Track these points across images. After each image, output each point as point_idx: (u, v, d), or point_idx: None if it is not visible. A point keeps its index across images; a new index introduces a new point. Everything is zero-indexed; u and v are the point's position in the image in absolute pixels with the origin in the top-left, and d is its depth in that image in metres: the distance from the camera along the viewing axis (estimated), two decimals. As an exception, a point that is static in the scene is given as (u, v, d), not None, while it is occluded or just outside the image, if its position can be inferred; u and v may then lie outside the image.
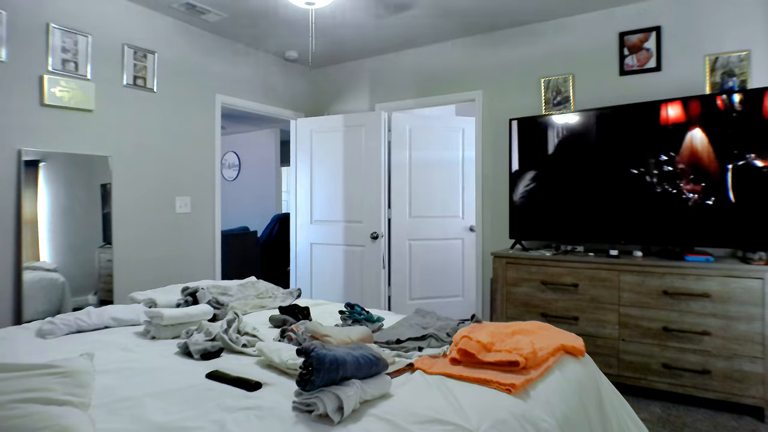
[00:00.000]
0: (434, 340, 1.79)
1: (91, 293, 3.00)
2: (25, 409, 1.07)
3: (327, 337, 1.64)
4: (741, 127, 2.72)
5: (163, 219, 3.44)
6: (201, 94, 3.72)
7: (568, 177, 3.23)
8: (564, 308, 3.02)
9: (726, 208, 2.76)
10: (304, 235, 4.57)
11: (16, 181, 2.67)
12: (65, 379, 1.24)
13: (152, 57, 3.33)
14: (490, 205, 3.80)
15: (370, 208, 4.19)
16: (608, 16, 3.35)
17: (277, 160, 7.19)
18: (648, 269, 2.78)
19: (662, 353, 2.73)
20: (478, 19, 3.55)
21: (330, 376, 1.16)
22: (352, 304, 2.19)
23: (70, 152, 2.90)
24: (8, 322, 2.58)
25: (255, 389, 1.34)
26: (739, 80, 2.93)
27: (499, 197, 3.75)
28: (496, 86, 3.79)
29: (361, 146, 4.24)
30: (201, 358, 1.62)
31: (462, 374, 1.35)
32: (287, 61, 4.48)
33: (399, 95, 4.26)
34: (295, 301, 2.59)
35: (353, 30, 3.73)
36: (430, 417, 1.13)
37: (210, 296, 2.29)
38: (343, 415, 1.11)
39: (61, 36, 2.83)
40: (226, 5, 3.27)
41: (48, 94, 2.77)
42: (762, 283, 2.50)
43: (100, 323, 2.06)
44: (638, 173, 3.01)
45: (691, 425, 2.49)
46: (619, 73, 3.32)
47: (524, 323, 1.69)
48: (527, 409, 1.22)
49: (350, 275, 4.30)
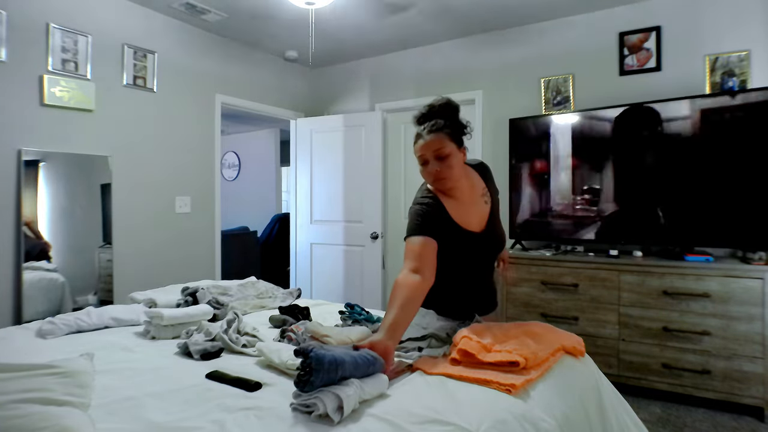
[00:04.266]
0: (434, 340, 1.79)
1: (91, 293, 3.00)
2: (25, 409, 1.07)
3: (327, 338, 1.64)
4: (741, 127, 2.72)
5: (163, 219, 3.44)
6: (201, 94, 3.72)
7: (568, 176, 3.23)
8: (564, 308, 3.02)
9: (726, 207, 2.76)
10: (304, 235, 4.57)
11: (16, 181, 2.67)
12: (65, 379, 1.24)
13: (152, 57, 3.33)
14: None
15: (370, 208, 4.19)
16: (608, 16, 3.35)
17: (277, 160, 7.19)
18: (648, 269, 2.78)
19: (662, 353, 2.73)
20: (478, 19, 3.55)
21: (329, 377, 1.15)
22: (352, 305, 2.19)
23: (70, 152, 2.90)
24: (8, 322, 2.58)
25: (255, 389, 1.34)
26: (739, 80, 2.93)
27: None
28: (496, 86, 3.79)
29: (361, 146, 4.24)
30: (201, 358, 1.62)
31: (462, 374, 1.34)
32: (287, 61, 4.48)
33: (399, 95, 4.26)
34: (295, 301, 2.59)
35: (353, 30, 3.73)
36: (430, 417, 1.12)
37: (210, 296, 2.28)
38: (343, 414, 1.11)
39: (61, 36, 2.83)
40: (226, 5, 3.27)
41: (48, 94, 2.77)
42: (762, 283, 2.50)
43: (100, 323, 2.06)
44: (638, 173, 3.01)
45: (691, 425, 2.49)
46: (619, 73, 3.32)
47: (524, 323, 1.69)
48: (527, 409, 1.22)
49: (350, 275, 4.30)
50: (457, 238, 1.63)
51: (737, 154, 2.73)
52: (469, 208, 1.68)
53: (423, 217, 1.63)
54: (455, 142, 1.62)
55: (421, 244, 1.57)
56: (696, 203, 2.84)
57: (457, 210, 1.65)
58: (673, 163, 2.90)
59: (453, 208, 1.65)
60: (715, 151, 2.79)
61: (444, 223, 1.63)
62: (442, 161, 1.60)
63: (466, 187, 1.69)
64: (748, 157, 2.70)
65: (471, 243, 1.65)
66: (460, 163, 1.64)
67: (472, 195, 1.71)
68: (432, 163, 1.61)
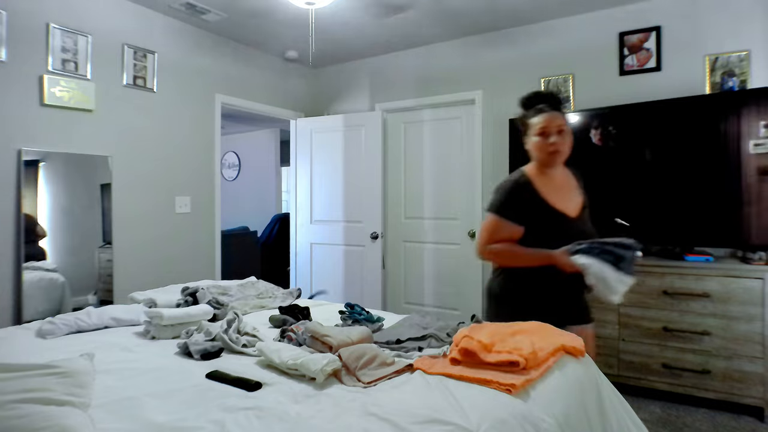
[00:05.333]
0: (434, 340, 1.79)
1: (91, 293, 3.00)
2: (25, 409, 1.07)
3: (327, 337, 1.64)
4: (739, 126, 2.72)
5: (163, 219, 3.44)
6: (201, 94, 3.72)
7: (568, 177, 3.23)
8: (564, 308, 3.01)
9: (726, 207, 2.76)
10: (304, 235, 4.57)
11: (16, 181, 2.67)
12: (65, 379, 1.24)
13: (152, 57, 3.33)
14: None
15: (370, 208, 4.19)
16: (608, 16, 3.35)
17: (277, 160, 7.19)
18: (648, 269, 2.78)
19: (662, 353, 2.73)
20: (477, 19, 3.55)
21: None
22: (352, 304, 2.19)
23: (70, 152, 2.90)
24: (8, 322, 2.58)
25: (255, 389, 1.34)
26: (739, 80, 2.93)
27: (499, 197, 3.73)
28: (496, 86, 3.79)
29: (361, 146, 4.24)
30: (201, 358, 1.62)
31: (462, 374, 1.35)
32: (287, 61, 4.48)
33: (399, 95, 4.26)
34: (295, 301, 2.59)
35: (353, 30, 3.73)
36: (430, 417, 1.12)
37: (210, 296, 2.29)
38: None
39: (61, 36, 2.83)
40: (226, 5, 3.27)
41: (48, 94, 2.77)
42: (762, 283, 2.50)
43: (100, 323, 2.06)
44: (638, 172, 3.01)
45: (691, 425, 2.49)
46: (619, 73, 3.32)
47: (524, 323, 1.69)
48: (527, 410, 1.22)
49: (350, 275, 4.29)
50: (548, 219, 1.68)
51: (737, 154, 2.72)
52: (565, 192, 1.76)
53: (507, 194, 1.72)
54: None
55: (492, 223, 1.71)
56: (696, 203, 2.84)
57: (551, 190, 1.72)
58: (673, 163, 2.90)
59: (547, 189, 1.72)
60: (715, 151, 2.78)
61: (534, 202, 1.69)
62: (562, 136, 1.71)
63: (562, 171, 1.80)
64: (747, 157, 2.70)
65: (564, 225, 1.69)
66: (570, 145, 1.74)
67: (567, 182, 1.81)
68: (554, 136, 1.70)
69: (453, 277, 4.00)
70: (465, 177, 3.95)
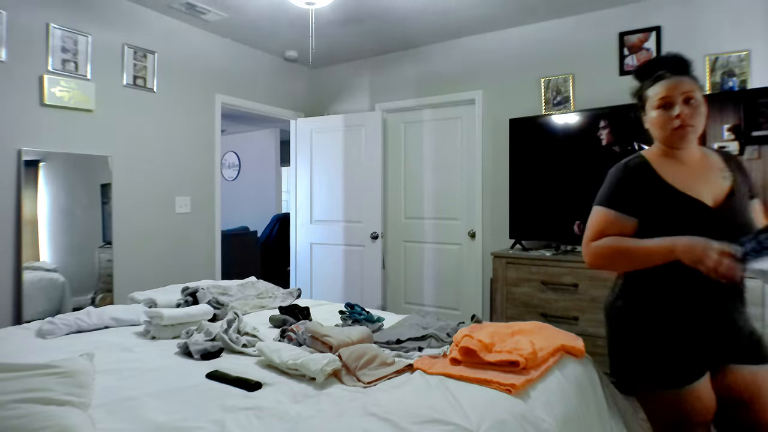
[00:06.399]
0: (434, 340, 1.79)
1: (91, 293, 3.00)
2: (25, 409, 1.07)
3: (327, 337, 1.65)
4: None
5: (163, 219, 3.44)
6: (201, 94, 3.72)
7: (568, 177, 3.23)
8: (564, 308, 3.02)
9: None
10: (304, 235, 4.57)
11: (16, 181, 2.67)
12: (65, 379, 1.24)
13: (152, 57, 3.33)
14: (489, 205, 3.80)
15: (370, 208, 4.19)
16: (608, 16, 3.35)
17: (277, 160, 7.19)
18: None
19: (662, 353, 2.72)
20: (477, 19, 3.55)
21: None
22: (352, 304, 2.19)
23: (70, 152, 2.90)
24: (8, 322, 2.58)
25: (255, 389, 1.35)
26: (739, 80, 2.93)
27: (499, 197, 3.74)
28: (496, 86, 3.79)
29: (361, 146, 4.24)
30: (201, 358, 1.62)
31: (462, 374, 1.35)
32: (287, 61, 4.48)
33: (399, 95, 4.26)
34: (295, 301, 2.59)
35: (353, 30, 3.73)
36: (430, 417, 1.12)
37: (210, 296, 2.29)
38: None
39: (61, 36, 2.83)
40: (226, 5, 3.27)
41: (48, 94, 2.77)
42: (762, 283, 2.49)
43: (100, 323, 2.06)
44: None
45: (691, 425, 2.48)
46: (619, 73, 3.32)
47: (524, 323, 1.70)
48: (527, 410, 1.22)
49: (350, 275, 4.29)
50: (675, 208, 1.30)
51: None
52: (698, 175, 1.34)
53: (616, 181, 1.38)
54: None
55: (598, 218, 1.38)
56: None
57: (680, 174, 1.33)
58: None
59: (674, 172, 1.34)
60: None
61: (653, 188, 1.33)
62: (690, 106, 1.31)
63: (696, 152, 1.39)
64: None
65: (700, 216, 1.28)
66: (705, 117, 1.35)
67: (704, 163, 1.38)
68: (679, 106, 1.31)
69: (453, 277, 4.00)
70: (465, 177, 3.95)
